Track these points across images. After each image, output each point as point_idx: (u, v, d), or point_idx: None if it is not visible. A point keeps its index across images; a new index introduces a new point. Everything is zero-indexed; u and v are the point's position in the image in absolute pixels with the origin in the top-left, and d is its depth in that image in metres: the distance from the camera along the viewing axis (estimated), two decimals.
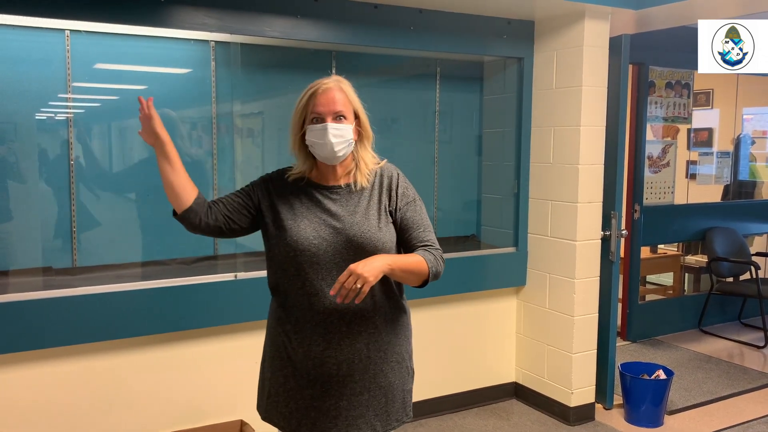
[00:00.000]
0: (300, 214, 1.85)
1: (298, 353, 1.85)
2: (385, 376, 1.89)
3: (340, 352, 1.83)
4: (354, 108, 1.87)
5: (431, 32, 3.36)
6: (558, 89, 3.60)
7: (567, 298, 3.61)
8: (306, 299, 1.82)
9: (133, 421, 2.93)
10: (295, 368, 1.86)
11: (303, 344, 1.84)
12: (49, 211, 2.97)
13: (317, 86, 1.83)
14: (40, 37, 2.86)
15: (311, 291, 1.81)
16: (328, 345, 1.82)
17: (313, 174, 1.92)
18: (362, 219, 1.83)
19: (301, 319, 1.84)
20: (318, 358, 1.83)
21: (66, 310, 2.68)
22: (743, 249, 5.45)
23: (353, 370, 1.84)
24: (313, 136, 1.82)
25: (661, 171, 5.11)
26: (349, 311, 1.81)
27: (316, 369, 1.83)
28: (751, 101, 6.12)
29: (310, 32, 3.07)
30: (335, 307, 1.80)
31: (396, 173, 1.95)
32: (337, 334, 1.82)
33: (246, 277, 3.05)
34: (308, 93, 1.84)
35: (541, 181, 3.74)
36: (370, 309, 1.85)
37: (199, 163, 3.27)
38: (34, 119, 2.92)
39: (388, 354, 1.89)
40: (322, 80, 1.85)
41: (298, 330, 1.85)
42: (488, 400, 3.90)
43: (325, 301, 1.80)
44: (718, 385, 4.24)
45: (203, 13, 2.83)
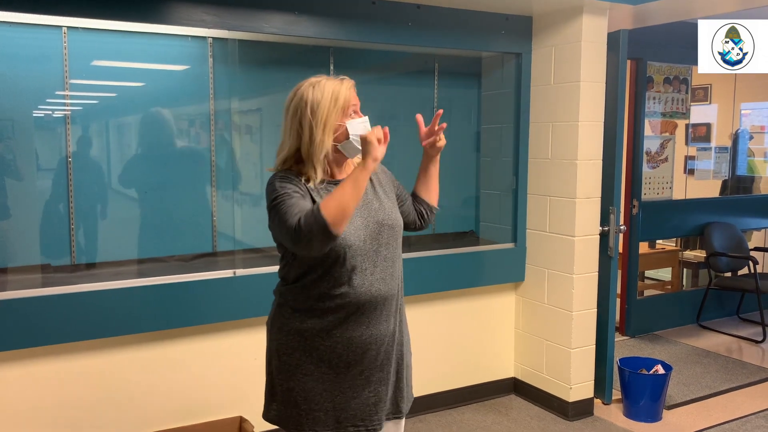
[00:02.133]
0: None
1: (337, 349, 1.83)
2: (403, 358, 1.98)
3: (379, 336, 1.86)
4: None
5: (429, 28, 3.36)
6: (556, 85, 3.60)
7: (566, 294, 3.62)
8: (351, 290, 1.81)
9: (132, 417, 2.93)
10: (330, 365, 1.85)
11: (343, 337, 1.83)
12: (47, 208, 2.97)
13: (345, 81, 1.85)
14: (37, 33, 2.85)
15: (357, 282, 1.82)
16: (368, 330, 1.85)
17: (326, 174, 1.89)
18: (388, 202, 1.94)
19: (340, 309, 1.82)
20: (359, 346, 1.84)
21: (64, 307, 2.68)
22: (741, 244, 5.46)
23: (389, 353, 1.90)
24: (356, 130, 1.82)
25: (659, 166, 5.11)
26: (385, 296, 1.87)
27: (357, 356, 1.85)
28: (749, 96, 6.12)
29: (308, 28, 3.07)
30: (377, 293, 1.84)
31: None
32: (374, 320, 1.86)
33: (245, 274, 3.04)
34: (342, 88, 1.82)
35: (540, 176, 3.74)
36: (398, 290, 1.93)
37: (197, 160, 3.27)
38: (32, 116, 2.91)
39: (405, 336, 2.00)
40: (339, 77, 1.87)
41: (336, 324, 1.83)
42: (487, 396, 3.91)
43: (372, 288, 1.83)
44: (717, 380, 4.25)
45: (201, 10, 2.83)
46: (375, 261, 1.84)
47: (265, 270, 3.06)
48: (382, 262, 1.86)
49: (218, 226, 3.31)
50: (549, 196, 3.69)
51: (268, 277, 3.00)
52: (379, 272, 1.85)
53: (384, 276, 1.86)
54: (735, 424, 3.61)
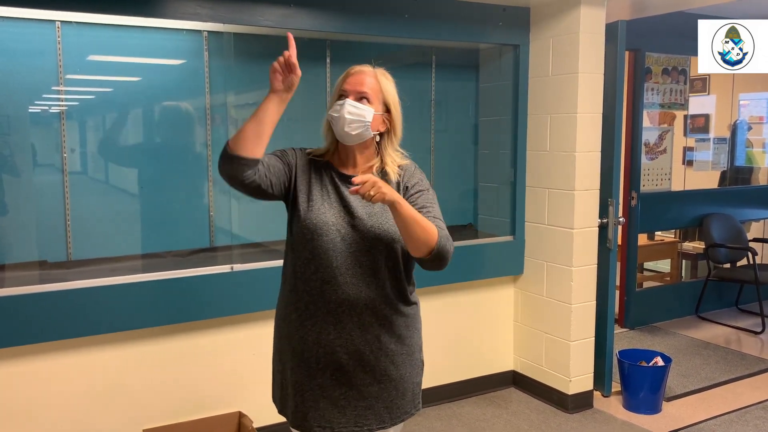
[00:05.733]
0: (324, 198, 1.84)
1: (308, 341, 1.84)
2: (396, 369, 1.88)
3: (350, 342, 1.82)
4: (385, 99, 1.87)
5: (426, 20, 3.34)
6: (554, 76, 3.58)
7: (564, 286, 3.61)
8: (318, 286, 1.81)
9: (130, 414, 2.92)
10: (302, 358, 1.85)
11: (313, 331, 1.83)
12: (43, 204, 2.95)
13: (352, 68, 1.88)
14: (30, 28, 2.82)
15: (324, 278, 1.80)
16: (339, 335, 1.82)
17: (335, 158, 1.92)
18: (381, 210, 1.84)
19: (311, 305, 1.83)
20: (328, 345, 1.82)
21: (61, 303, 2.67)
22: (740, 235, 5.46)
23: (364, 362, 1.84)
24: (332, 111, 1.84)
25: (658, 158, 5.09)
26: (361, 302, 1.81)
27: (327, 357, 1.83)
28: (747, 87, 6.11)
29: (304, 21, 3.05)
30: (347, 297, 1.80)
31: (413, 166, 1.96)
32: (348, 324, 1.82)
33: (242, 269, 3.03)
34: (344, 74, 1.88)
35: (538, 169, 3.73)
36: (382, 301, 1.84)
37: (193, 154, 3.25)
38: (27, 112, 2.89)
39: (399, 346, 1.89)
40: (362, 65, 1.88)
41: (308, 316, 1.83)
42: (487, 389, 3.91)
43: (338, 290, 1.80)
44: (716, 371, 4.25)
45: (195, 3, 2.80)
46: (348, 263, 1.80)
47: (263, 265, 3.05)
48: (356, 268, 1.81)
49: (215, 220, 3.30)
50: (547, 188, 3.67)
51: (266, 272, 3.00)
52: (351, 277, 1.81)
53: (356, 282, 1.81)
54: (734, 415, 3.61)
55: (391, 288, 1.87)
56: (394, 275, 1.86)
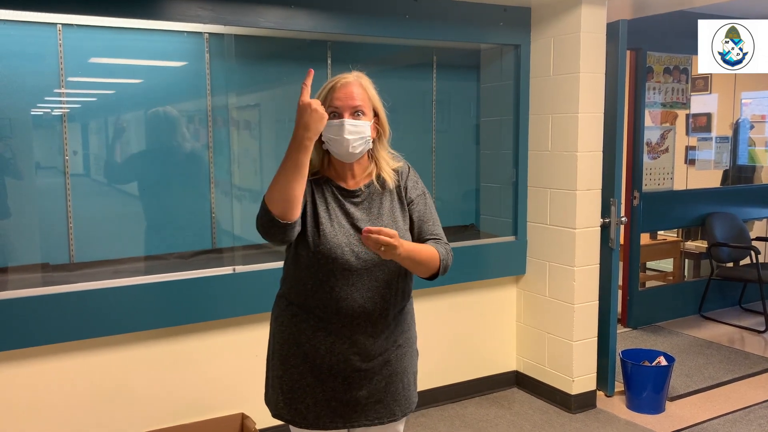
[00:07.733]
0: (333, 219, 1.81)
1: (320, 349, 1.83)
2: (399, 362, 1.91)
3: (364, 349, 1.83)
4: (373, 104, 1.85)
5: (427, 20, 3.34)
6: (555, 76, 3.58)
7: (567, 286, 3.60)
8: (334, 303, 1.80)
9: (133, 416, 2.92)
10: (314, 364, 1.84)
11: (326, 341, 1.82)
12: (45, 207, 2.95)
13: (336, 80, 1.81)
14: (31, 31, 2.83)
15: (340, 296, 1.79)
16: (353, 344, 1.82)
17: (331, 172, 1.88)
18: (389, 222, 1.83)
19: (325, 318, 1.82)
20: (341, 354, 1.83)
21: (64, 306, 2.67)
22: (743, 234, 5.44)
23: (375, 364, 1.86)
24: (329, 132, 1.77)
25: (660, 157, 5.09)
26: (376, 312, 1.82)
27: (340, 364, 1.83)
28: (749, 86, 6.10)
29: (304, 22, 3.05)
30: (363, 310, 1.80)
31: (407, 168, 1.96)
32: (362, 335, 1.83)
33: (244, 271, 3.03)
34: (327, 87, 1.81)
35: (540, 169, 3.72)
36: (394, 306, 1.87)
37: (195, 157, 3.25)
38: (29, 115, 2.89)
39: (404, 341, 1.93)
40: (342, 75, 1.82)
41: (321, 328, 1.82)
42: (489, 389, 3.90)
43: (354, 305, 1.80)
44: (719, 371, 4.24)
45: (196, 5, 2.80)
46: (364, 279, 1.80)
47: (265, 266, 3.05)
48: (372, 282, 1.81)
49: (217, 222, 3.30)
50: (549, 188, 3.67)
51: (267, 274, 3.00)
52: (366, 291, 1.81)
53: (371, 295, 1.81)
54: (738, 415, 3.60)
55: (401, 292, 1.90)
56: (404, 280, 1.89)
